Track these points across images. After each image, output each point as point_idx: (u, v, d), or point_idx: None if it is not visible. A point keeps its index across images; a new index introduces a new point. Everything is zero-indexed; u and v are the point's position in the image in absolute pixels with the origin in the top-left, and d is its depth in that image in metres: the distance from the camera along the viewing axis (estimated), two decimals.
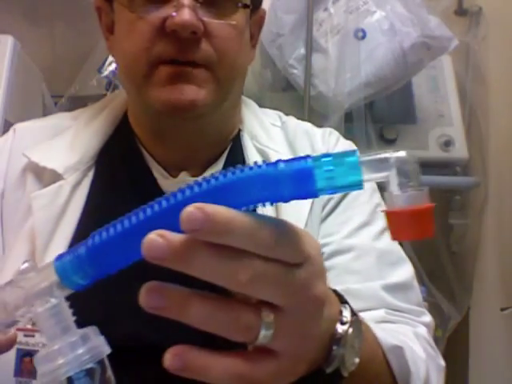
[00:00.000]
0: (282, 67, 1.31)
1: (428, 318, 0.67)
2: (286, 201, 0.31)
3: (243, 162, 0.70)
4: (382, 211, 0.32)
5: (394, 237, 0.32)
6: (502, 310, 1.52)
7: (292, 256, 0.32)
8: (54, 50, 1.55)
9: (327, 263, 0.66)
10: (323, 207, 0.70)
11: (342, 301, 0.44)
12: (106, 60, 1.35)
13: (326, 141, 0.76)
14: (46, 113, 1.35)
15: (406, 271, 0.69)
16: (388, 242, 0.70)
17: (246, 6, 0.64)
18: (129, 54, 0.62)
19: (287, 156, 0.75)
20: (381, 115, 1.37)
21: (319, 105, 1.30)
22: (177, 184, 0.67)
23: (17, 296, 0.33)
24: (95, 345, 0.32)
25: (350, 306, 0.44)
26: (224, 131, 0.72)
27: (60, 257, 0.33)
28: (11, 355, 0.58)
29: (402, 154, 0.31)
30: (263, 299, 0.32)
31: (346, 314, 0.42)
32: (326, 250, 0.67)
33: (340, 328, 0.42)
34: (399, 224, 0.31)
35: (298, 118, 0.81)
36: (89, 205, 0.66)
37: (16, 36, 1.22)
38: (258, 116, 0.77)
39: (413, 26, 1.23)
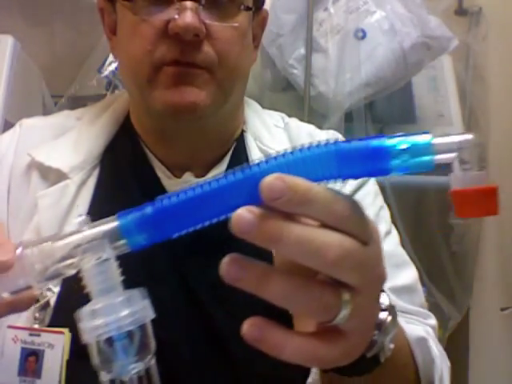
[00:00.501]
0: (282, 67, 1.31)
1: (433, 320, 0.68)
2: (358, 178, 0.32)
3: (247, 162, 0.70)
4: (448, 191, 0.33)
5: (459, 214, 0.33)
6: (502, 309, 1.53)
7: (363, 232, 0.33)
8: (53, 50, 1.55)
9: None
10: None
11: None
12: (105, 60, 1.35)
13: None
14: (45, 113, 1.35)
15: (410, 274, 0.69)
16: (392, 245, 0.70)
17: (248, 9, 0.63)
18: (132, 56, 0.62)
19: None
20: (381, 115, 1.37)
21: (319, 105, 1.30)
22: (180, 185, 0.67)
23: (67, 247, 0.32)
24: (139, 308, 0.32)
25: (387, 294, 0.44)
26: (226, 132, 0.72)
27: (123, 214, 0.33)
28: (16, 354, 0.58)
29: (468, 136, 0.32)
30: (341, 279, 0.32)
31: (385, 301, 0.43)
32: None
33: (380, 314, 0.42)
34: (464, 202, 0.32)
35: (298, 118, 0.82)
36: (95, 204, 0.66)
37: (16, 36, 1.22)
38: (261, 117, 0.77)
39: (413, 26, 1.23)
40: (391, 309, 0.43)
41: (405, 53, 1.22)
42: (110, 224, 0.32)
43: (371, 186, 0.74)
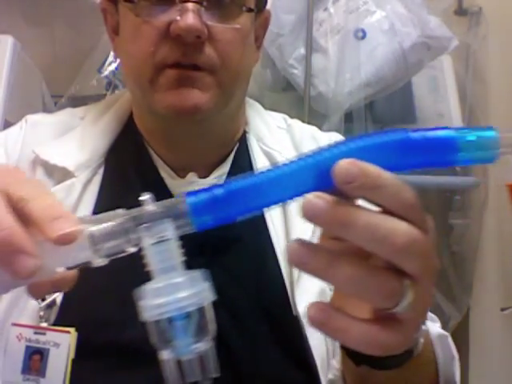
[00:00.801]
0: (282, 67, 1.31)
1: (438, 323, 0.68)
2: (425, 167, 0.33)
3: (250, 163, 0.71)
4: (506, 184, 0.33)
5: None
6: (502, 310, 1.53)
7: (424, 222, 0.33)
8: (54, 49, 1.55)
9: None
10: None
11: None
12: (105, 60, 1.35)
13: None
14: (45, 113, 1.35)
15: None
16: None
17: (250, 10, 0.63)
18: (134, 57, 0.63)
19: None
20: (381, 115, 1.37)
21: (319, 105, 1.30)
22: (184, 185, 0.67)
23: (129, 224, 0.32)
24: (200, 290, 0.32)
25: None
26: (228, 133, 0.72)
27: (191, 194, 0.33)
28: (20, 352, 0.58)
29: None
30: (404, 266, 0.33)
31: None
32: None
33: None
34: None
35: (298, 118, 0.82)
36: (100, 202, 0.66)
37: (16, 36, 1.22)
38: (263, 118, 0.77)
39: (413, 26, 1.23)
40: None
41: (405, 53, 1.22)
42: (177, 203, 0.33)
43: None
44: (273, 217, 0.67)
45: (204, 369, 0.32)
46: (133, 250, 0.33)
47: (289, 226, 0.67)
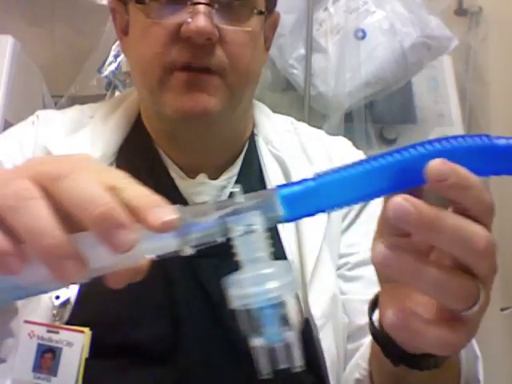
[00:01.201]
0: (282, 67, 1.31)
1: None
2: (506, 174, 0.34)
3: (259, 166, 0.71)
4: None
5: None
6: (502, 310, 1.52)
7: (490, 226, 0.34)
8: (54, 50, 1.54)
9: (354, 273, 0.69)
10: (343, 218, 0.72)
11: None
12: (105, 60, 1.35)
13: (339, 148, 0.76)
14: None
15: None
16: None
17: (261, 13, 0.63)
18: (143, 58, 0.62)
19: (303, 162, 0.75)
20: (381, 115, 1.37)
21: (319, 105, 1.30)
22: (195, 186, 0.67)
23: (220, 215, 0.33)
24: (287, 281, 0.33)
25: None
26: (236, 134, 0.72)
27: (283, 186, 0.34)
28: (31, 349, 0.57)
29: None
30: (478, 269, 0.33)
31: None
32: (352, 259, 0.69)
33: None
34: None
35: (298, 118, 0.82)
36: None
37: (16, 36, 1.22)
38: (271, 120, 0.77)
39: (413, 26, 1.22)
40: None
41: (405, 53, 1.22)
42: (268, 195, 0.33)
43: None
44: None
45: (290, 357, 0.33)
46: (223, 239, 0.34)
47: (299, 227, 0.67)
